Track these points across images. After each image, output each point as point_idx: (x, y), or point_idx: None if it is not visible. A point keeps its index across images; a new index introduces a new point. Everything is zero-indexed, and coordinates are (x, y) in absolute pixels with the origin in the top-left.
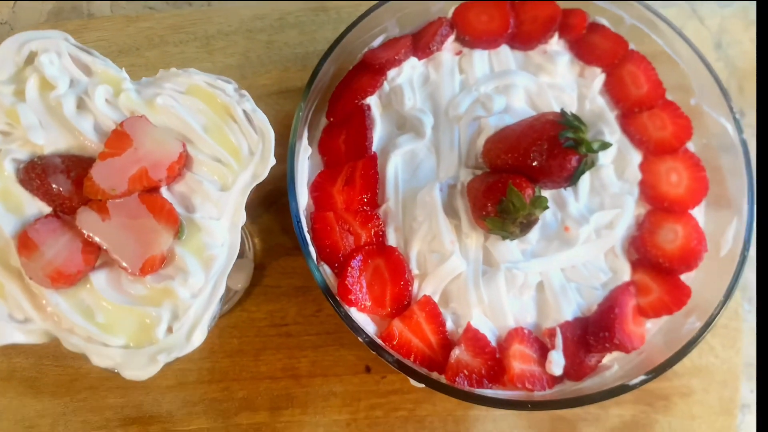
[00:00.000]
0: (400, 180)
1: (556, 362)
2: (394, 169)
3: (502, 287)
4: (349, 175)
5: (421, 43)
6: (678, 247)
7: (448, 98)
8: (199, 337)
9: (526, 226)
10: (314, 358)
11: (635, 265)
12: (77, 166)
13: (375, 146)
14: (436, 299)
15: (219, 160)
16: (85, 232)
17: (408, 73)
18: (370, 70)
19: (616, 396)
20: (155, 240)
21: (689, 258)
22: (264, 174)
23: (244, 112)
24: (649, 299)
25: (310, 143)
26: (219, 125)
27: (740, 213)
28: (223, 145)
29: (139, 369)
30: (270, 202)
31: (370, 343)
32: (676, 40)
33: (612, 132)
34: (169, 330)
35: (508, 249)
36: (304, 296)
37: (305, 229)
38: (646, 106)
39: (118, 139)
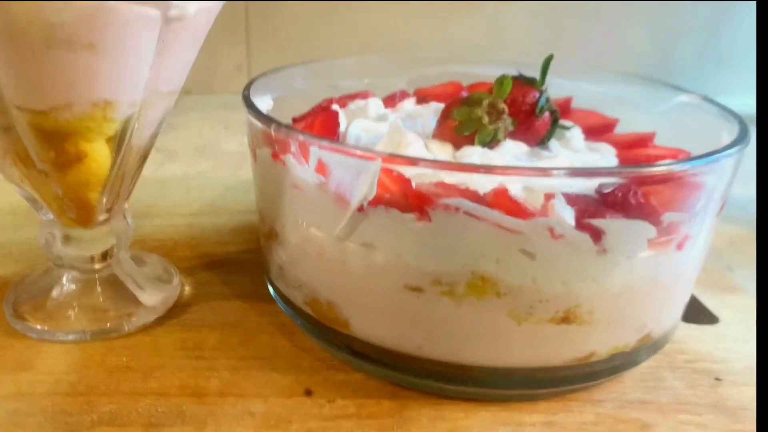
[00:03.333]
0: (362, 144)
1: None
2: (356, 133)
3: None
4: (308, 123)
5: (384, 99)
6: None
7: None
8: None
9: (495, 117)
10: (230, 379)
11: None
12: None
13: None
14: None
15: None
16: None
17: (373, 101)
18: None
19: None
20: None
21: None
22: None
23: None
24: None
25: None
26: None
27: None
28: None
29: None
30: (213, 265)
31: None
32: None
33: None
34: None
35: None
36: (232, 328)
37: None
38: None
39: None
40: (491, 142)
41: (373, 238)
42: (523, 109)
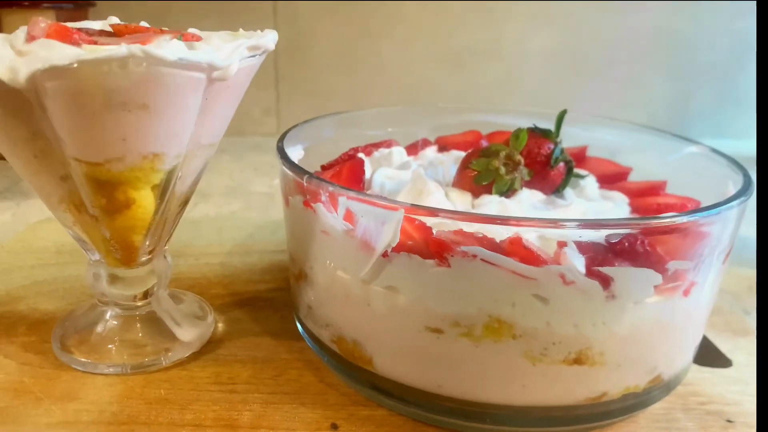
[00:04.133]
0: (386, 191)
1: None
2: (380, 180)
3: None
4: (336, 171)
5: (407, 147)
6: None
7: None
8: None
9: (512, 167)
10: (261, 413)
11: None
12: None
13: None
14: None
15: None
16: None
17: (397, 149)
18: (363, 149)
19: None
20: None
21: None
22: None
23: None
24: None
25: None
26: None
27: None
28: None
29: None
30: (244, 303)
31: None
32: None
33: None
34: None
35: (502, 204)
36: (263, 363)
37: None
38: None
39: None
40: (508, 191)
41: (396, 282)
42: (539, 160)
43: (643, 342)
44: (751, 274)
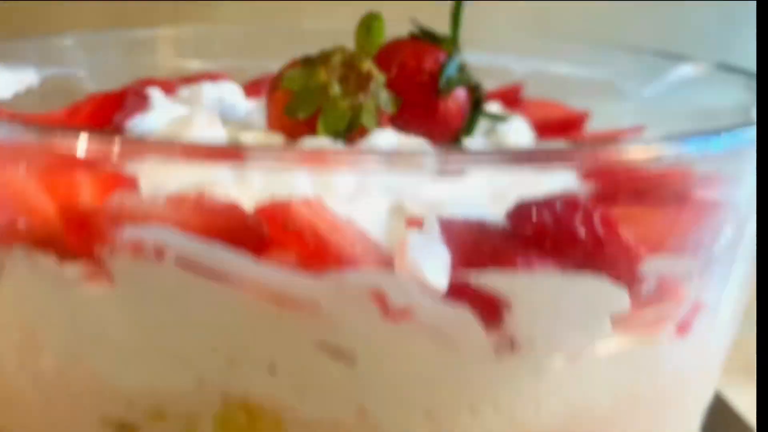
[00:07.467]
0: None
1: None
2: (151, 124)
3: None
4: (73, 109)
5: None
6: None
7: None
8: None
9: (355, 85)
10: None
11: None
12: None
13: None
14: None
15: None
16: None
17: (216, 86)
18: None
19: None
20: None
21: None
22: None
23: None
24: None
25: None
26: None
27: None
28: None
29: None
30: None
31: None
32: None
33: None
34: None
35: None
36: None
37: None
38: None
39: None
40: (351, 132)
41: (31, 319)
42: (418, 81)
43: None
44: None
